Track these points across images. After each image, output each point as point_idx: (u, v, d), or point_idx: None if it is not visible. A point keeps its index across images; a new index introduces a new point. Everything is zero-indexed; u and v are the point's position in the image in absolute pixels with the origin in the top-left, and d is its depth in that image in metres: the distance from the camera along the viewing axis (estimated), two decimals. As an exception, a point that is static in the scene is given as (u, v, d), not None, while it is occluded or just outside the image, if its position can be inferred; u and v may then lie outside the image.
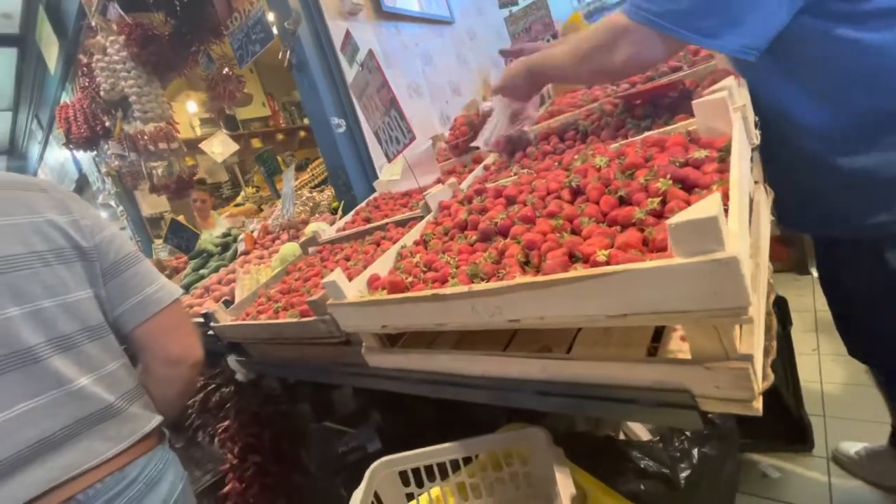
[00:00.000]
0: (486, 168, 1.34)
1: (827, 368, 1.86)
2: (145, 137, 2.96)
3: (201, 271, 2.56)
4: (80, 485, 0.73)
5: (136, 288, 0.88)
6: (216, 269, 2.41)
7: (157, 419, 0.88)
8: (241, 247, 2.39)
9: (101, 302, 0.85)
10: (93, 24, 2.63)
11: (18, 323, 0.72)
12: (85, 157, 4.92)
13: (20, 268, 0.74)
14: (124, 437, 0.80)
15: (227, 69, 2.70)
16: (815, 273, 2.56)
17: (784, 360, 1.45)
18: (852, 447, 1.43)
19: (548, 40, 1.83)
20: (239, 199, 4.75)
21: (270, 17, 2.03)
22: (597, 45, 0.92)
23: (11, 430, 0.69)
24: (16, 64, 4.67)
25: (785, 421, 1.49)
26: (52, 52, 3.95)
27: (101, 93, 2.77)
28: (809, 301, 2.34)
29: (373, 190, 1.92)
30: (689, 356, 0.54)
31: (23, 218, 0.76)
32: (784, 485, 1.45)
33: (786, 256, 2.67)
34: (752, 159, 0.84)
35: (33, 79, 4.79)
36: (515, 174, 1.10)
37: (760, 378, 0.50)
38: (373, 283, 0.92)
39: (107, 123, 3.57)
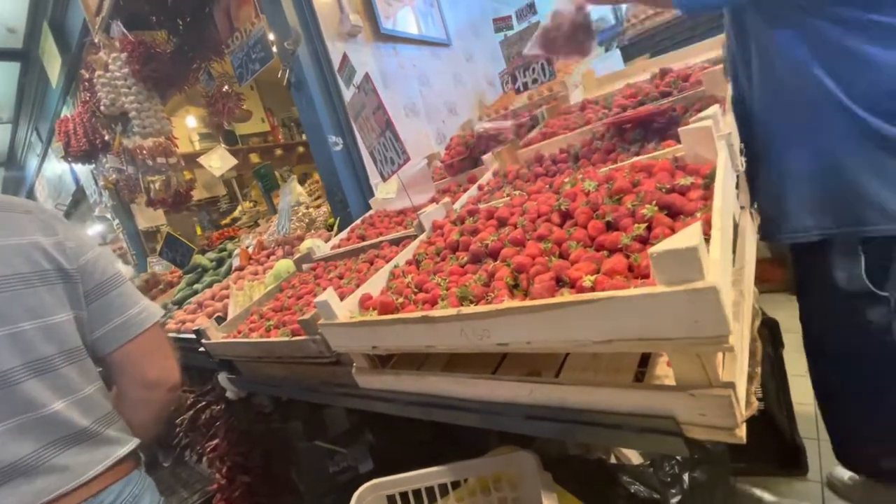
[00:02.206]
0: (479, 188, 1.36)
1: (820, 390, 1.86)
2: (144, 152, 2.98)
3: (195, 286, 2.55)
4: None
5: (119, 309, 0.87)
6: (210, 284, 2.40)
7: (133, 443, 0.86)
8: (236, 262, 2.39)
9: (80, 324, 0.83)
10: (96, 40, 2.67)
11: None
12: (83, 170, 4.93)
13: (2, 290, 0.73)
14: (98, 461, 0.78)
15: (226, 86, 2.73)
16: (807, 294, 2.57)
17: (777, 382, 1.45)
18: (846, 472, 1.42)
19: (542, 65, 1.87)
20: (236, 214, 4.75)
21: (271, 36, 2.07)
22: None
23: None
24: (18, 77, 4.72)
25: (778, 444, 1.48)
26: (54, 67, 3.99)
27: (102, 107, 2.80)
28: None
29: (369, 207, 1.93)
30: (671, 383, 0.55)
31: (6, 240, 0.76)
32: (778, 509, 1.43)
33: (778, 277, 2.68)
34: (737, 185, 0.85)
35: (35, 92, 4.83)
36: (508, 195, 1.12)
37: (744, 405, 0.51)
38: (364, 302, 0.92)
39: (106, 137, 3.59)
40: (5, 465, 0.70)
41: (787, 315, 2.55)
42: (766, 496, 1.46)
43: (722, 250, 0.52)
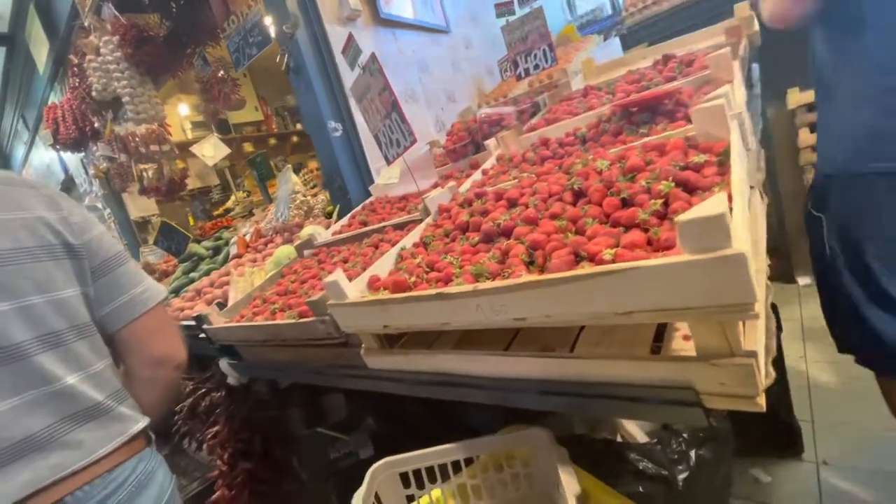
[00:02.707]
0: (484, 172, 1.35)
1: (814, 375, 1.90)
2: (136, 139, 2.93)
3: (191, 275, 2.53)
4: (70, 486, 0.72)
5: (124, 287, 0.87)
6: (207, 273, 2.38)
7: (145, 420, 0.86)
8: (234, 250, 2.37)
9: (87, 301, 0.83)
10: (86, 24, 2.60)
11: (7, 319, 0.71)
12: (72, 158, 4.83)
13: (8, 263, 0.72)
14: (113, 437, 0.78)
15: (222, 71, 2.68)
16: (801, 282, 2.62)
17: (774, 366, 1.48)
18: None
19: (543, 50, 1.86)
20: (229, 204, 4.70)
21: (268, 20, 2.03)
22: None
23: None
24: (3, 63, 4.60)
25: (775, 426, 1.51)
26: (41, 52, 3.89)
27: (93, 93, 2.74)
28: (796, 310, 2.39)
29: (368, 194, 1.92)
30: (691, 354, 0.56)
31: (11, 214, 0.75)
32: (774, 488, 1.47)
33: (772, 266, 2.72)
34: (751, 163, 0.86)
35: (20, 79, 4.71)
36: (515, 178, 1.12)
37: (764, 374, 0.52)
38: (373, 283, 0.92)
39: (96, 125, 3.51)
40: (20, 440, 0.69)
41: (781, 303, 2.60)
42: (763, 476, 1.50)
43: (743, 221, 0.52)
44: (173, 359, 0.92)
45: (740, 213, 0.52)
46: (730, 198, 0.57)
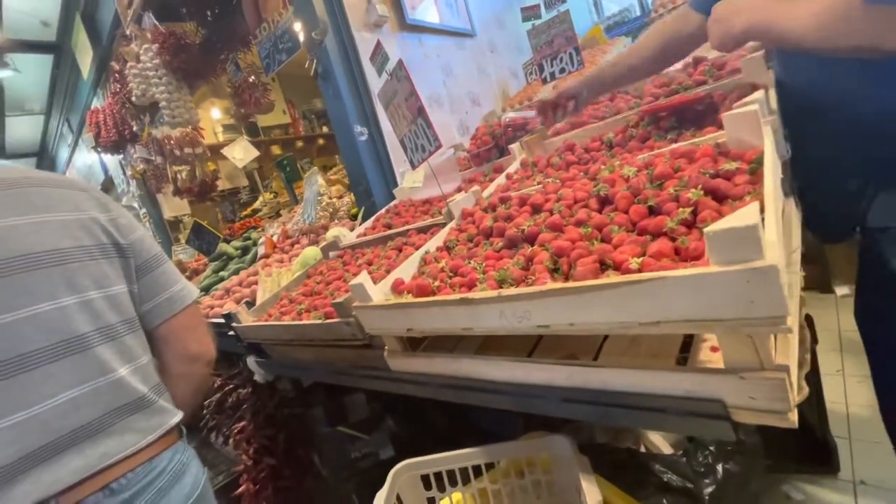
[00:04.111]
0: (508, 177, 1.35)
1: (852, 390, 1.81)
2: (172, 142, 3.05)
3: (221, 273, 2.61)
4: (114, 473, 0.75)
5: (164, 285, 0.93)
6: (236, 272, 2.46)
7: (179, 414, 0.90)
8: (261, 250, 2.44)
9: (133, 297, 0.88)
10: (127, 32, 2.73)
11: (73, 311, 0.76)
12: (111, 160, 5.07)
13: (71, 260, 0.77)
14: (153, 428, 0.82)
15: (252, 77, 2.77)
16: (838, 292, 2.51)
17: (809, 379, 1.42)
18: None
19: (570, 54, 1.85)
20: (257, 205, 4.83)
21: (297, 26, 2.09)
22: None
23: (55, 418, 0.72)
24: (51, 70, 4.86)
25: (810, 442, 1.45)
26: (85, 59, 4.10)
27: (133, 98, 2.87)
28: (833, 320, 2.29)
29: (392, 197, 1.94)
30: (719, 367, 0.54)
31: (70, 214, 0.80)
32: (808, 508, 1.41)
33: (808, 274, 2.62)
34: (782, 172, 0.83)
35: (66, 84, 4.98)
36: (539, 183, 1.11)
37: (796, 389, 0.50)
38: (397, 287, 0.93)
39: (134, 128, 3.68)
40: (75, 428, 0.74)
41: (817, 313, 2.49)
42: (797, 494, 1.44)
43: (776, 233, 0.51)
44: (205, 355, 0.97)
45: (773, 224, 0.51)
46: (762, 207, 0.56)
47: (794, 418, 0.49)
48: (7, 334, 0.70)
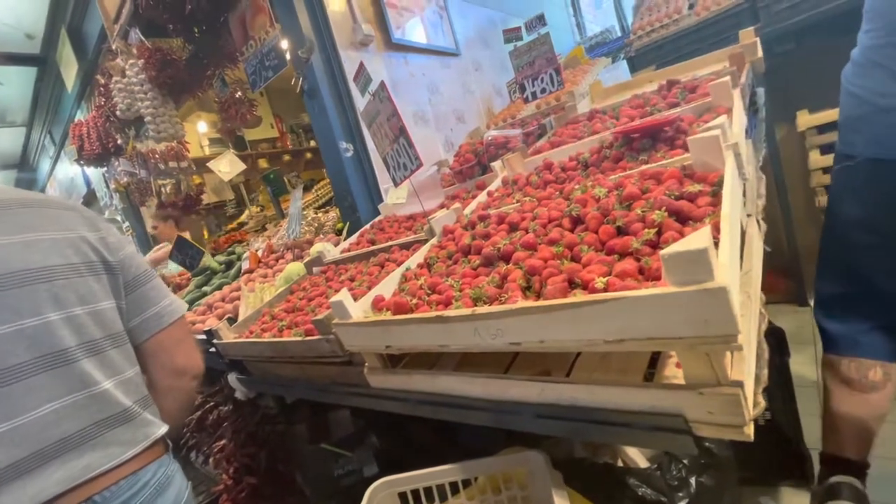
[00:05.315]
0: (489, 194, 1.38)
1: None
2: (156, 156, 3.04)
3: (204, 288, 2.58)
4: (98, 486, 0.76)
5: (152, 301, 0.95)
6: (219, 287, 2.43)
7: (164, 427, 0.91)
8: (246, 265, 2.42)
9: (121, 313, 0.91)
10: (114, 47, 2.73)
11: (57, 327, 0.78)
12: (94, 173, 5.01)
13: (58, 277, 0.80)
14: (138, 441, 0.84)
15: (239, 92, 2.79)
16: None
17: (783, 391, 1.46)
18: None
19: (550, 75, 1.91)
20: (243, 218, 4.80)
21: (284, 44, 2.12)
22: None
23: (37, 429, 0.73)
24: (34, 82, 4.82)
25: (784, 454, 1.48)
26: (70, 72, 4.08)
27: (118, 112, 2.86)
28: (809, 333, 2.35)
29: (377, 212, 1.96)
30: (680, 383, 0.57)
31: (59, 233, 0.83)
32: (785, 519, 1.43)
33: (784, 288, 2.69)
34: (744, 193, 0.87)
35: (50, 97, 4.93)
36: (518, 201, 1.14)
37: (752, 405, 0.52)
38: (377, 304, 0.95)
39: (119, 141, 3.65)
40: (58, 440, 0.75)
41: (793, 326, 2.54)
42: (772, 505, 1.46)
43: (730, 254, 0.54)
44: (192, 369, 0.99)
45: (727, 246, 0.54)
46: (718, 229, 0.59)
47: (749, 431, 0.51)
48: None
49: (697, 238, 0.48)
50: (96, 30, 3.36)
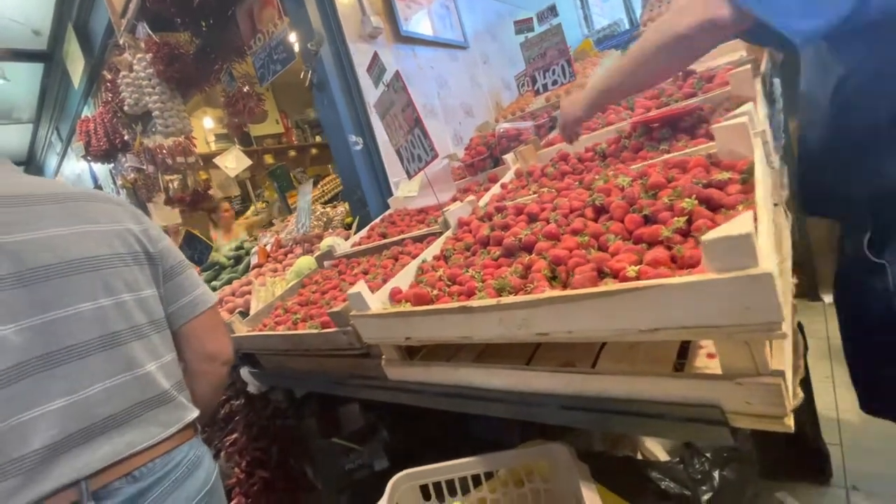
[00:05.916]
0: (503, 186, 1.37)
1: (842, 396, 1.84)
2: (164, 151, 3.03)
3: (213, 283, 2.58)
4: (137, 462, 0.81)
5: (187, 289, 1.01)
6: (228, 282, 2.43)
7: (196, 411, 0.96)
8: (254, 260, 2.42)
9: (160, 300, 0.96)
10: (121, 42, 2.73)
11: (108, 311, 0.84)
12: (101, 169, 5.02)
13: (107, 266, 0.86)
14: (173, 423, 0.88)
15: (247, 87, 2.77)
16: (826, 300, 2.55)
17: (801, 386, 1.44)
18: None
19: (562, 66, 1.88)
20: (249, 214, 4.80)
21: (293, 37, 2.10)
22: (664, 20, 0.88)
23: (89, 406, 0.78)
24: (41, 79, 4.83)
25: (802, 450, 1.47)
26: (77, 68, 4.08)
27: (125, 107, 2.86)
28: (822, 328, 2.33)
29: (387, 206, 1.95)
30: (716, 372, 0.55)
31: (107, 225, 0.89)
32: (802, 514, 1.42)
33: (797, 283, 2.66)
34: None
35: (57, 93, 4.94)
36: (535, 192, 1.13)
37: (792, 394, 0.51)
38: (395, 296, 0.94)
39: (126, 137, 3.66)
40: (106, 417, 0.80)
41: (806, 321, 2.52)
42: (790, 500, 1.45)
43: (769, 240, 0.52)
44: (222, 355, 1.04)
45: (766, 232, 0.52)
46: (755, 216, 0.57)
47: (790, 422, 0.50)
48: (54, 329, 0.77)
49: (739, 223, 0.46)
50: (102, 26, 3.35)
